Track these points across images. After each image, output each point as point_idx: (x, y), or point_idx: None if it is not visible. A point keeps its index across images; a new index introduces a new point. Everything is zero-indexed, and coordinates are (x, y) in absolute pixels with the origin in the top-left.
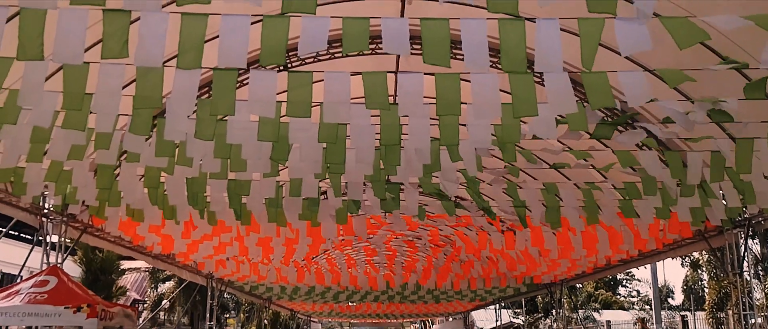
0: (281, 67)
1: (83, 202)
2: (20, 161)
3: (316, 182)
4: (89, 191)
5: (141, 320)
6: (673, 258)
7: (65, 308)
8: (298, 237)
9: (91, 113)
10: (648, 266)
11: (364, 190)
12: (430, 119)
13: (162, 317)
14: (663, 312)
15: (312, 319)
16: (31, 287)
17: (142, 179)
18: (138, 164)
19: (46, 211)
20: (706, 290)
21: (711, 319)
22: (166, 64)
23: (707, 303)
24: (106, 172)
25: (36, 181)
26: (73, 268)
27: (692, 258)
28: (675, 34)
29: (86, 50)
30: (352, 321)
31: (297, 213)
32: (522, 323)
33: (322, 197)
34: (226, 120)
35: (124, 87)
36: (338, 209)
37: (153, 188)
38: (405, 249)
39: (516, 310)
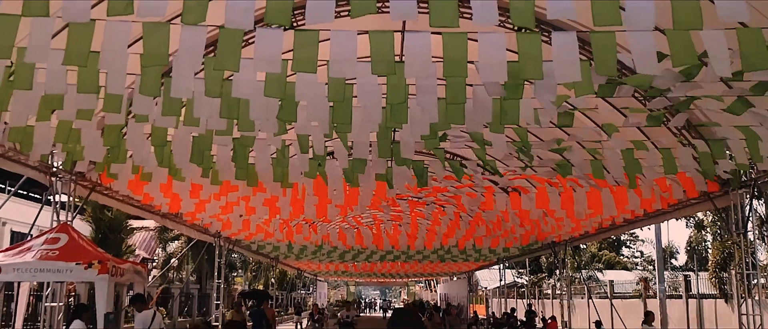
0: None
1: (90, 161)
2: (29, 120)
3: (322, 141)
4: (97, 149)
5: (150, 278)
6: (677, 219)
7: (76, 264)
8: (304, 197)
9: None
10: (652, 227)
11: (370, 150)
12: (438, 78)
13: (170, 275)
14: (666, 273)
15: (318, 278)
16: (42, 244)
17: (149, 138)
18: (144, 123)
19: (54, 169)
20: (710, 250)
21: (714, 279)
22: (172, 22)
23: (710, 263)
24: (113, 130)
25: (45, 140)
26: (82, 227)
27: (696, 218)
28: (676, 10)
29: (92, 8)
30: (358, 280)
31: (303, 171)
32: (526, 282)
33: (328, 157)
34: (232, 79)
35: (129, 45)
36: (346, 170)
37: (159, 146)
38: (410, 209)
39: (520, 270)
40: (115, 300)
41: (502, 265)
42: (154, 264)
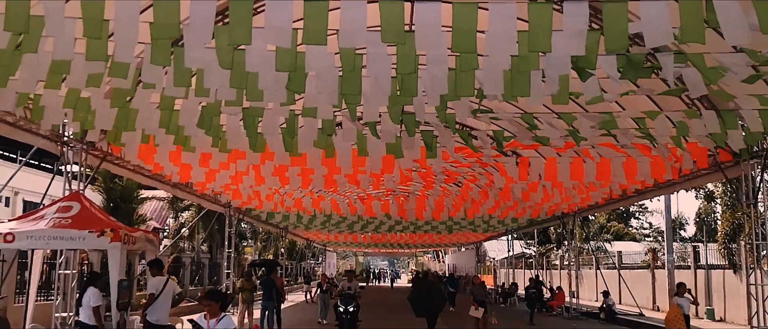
0: None
1: (102, 130)
2: (38, 87)
3: (331, 110)
4: (106, 117)
5: (161, 247)
6: (687, 190)
7: (89, 232)
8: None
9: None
10: (662, 199)
11: (379, 121)
12: (448, 48)
13: (181, 245)
14: (675, 244)
15: (327, 249)
16: (55, 212)
17: (158, 106)
18: (153, 91)
19: (65, 139)
20: (719, 222)
21: (723, 250)
22: None
23: (720, 234)
24: (120, 94)
25: (53, 106)
26: (93, 196)
27: (706, 189)
28: None
29: None
30: (366, 250)
31: (312, 141)
32: (534, 253)
33: (337, 126)
34: (244, 49)
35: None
36: (357, 140)
37: (167, 110)
38: (420, 181)
39: (528, 241)
40: (127, 268)
41: (510, 236)
42: (166, 233)
